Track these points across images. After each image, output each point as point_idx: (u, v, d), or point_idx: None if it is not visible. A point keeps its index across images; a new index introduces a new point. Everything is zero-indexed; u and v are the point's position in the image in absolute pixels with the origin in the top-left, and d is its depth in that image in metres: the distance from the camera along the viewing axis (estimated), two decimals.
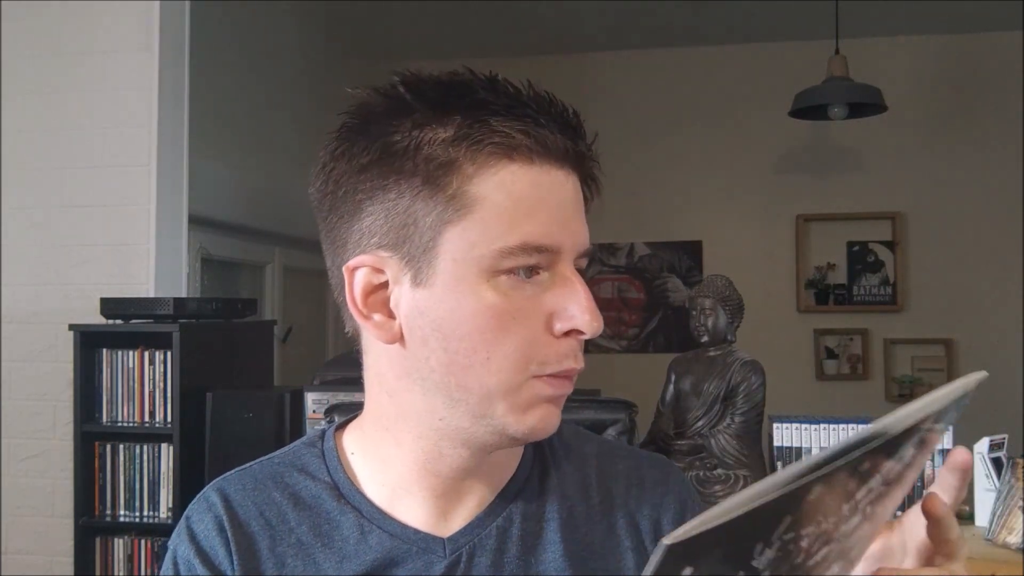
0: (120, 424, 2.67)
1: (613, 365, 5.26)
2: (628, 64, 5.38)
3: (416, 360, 0.69)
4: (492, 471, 0.76)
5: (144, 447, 2.66)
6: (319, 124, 4.32)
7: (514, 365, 0.67)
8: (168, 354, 2.64)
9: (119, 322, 2.71)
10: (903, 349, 5.16)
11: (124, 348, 2.68)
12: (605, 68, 5.39)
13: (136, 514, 2.66)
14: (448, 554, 0.73)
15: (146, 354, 2.67)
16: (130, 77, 2.94)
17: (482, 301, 0.67)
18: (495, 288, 0.67)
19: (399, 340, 0.70)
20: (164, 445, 2.64)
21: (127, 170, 2.93)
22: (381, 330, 0.70)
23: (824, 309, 5.22)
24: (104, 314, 2.71)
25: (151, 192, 2.91)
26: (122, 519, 2.67)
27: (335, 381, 2.43)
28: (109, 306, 2.70)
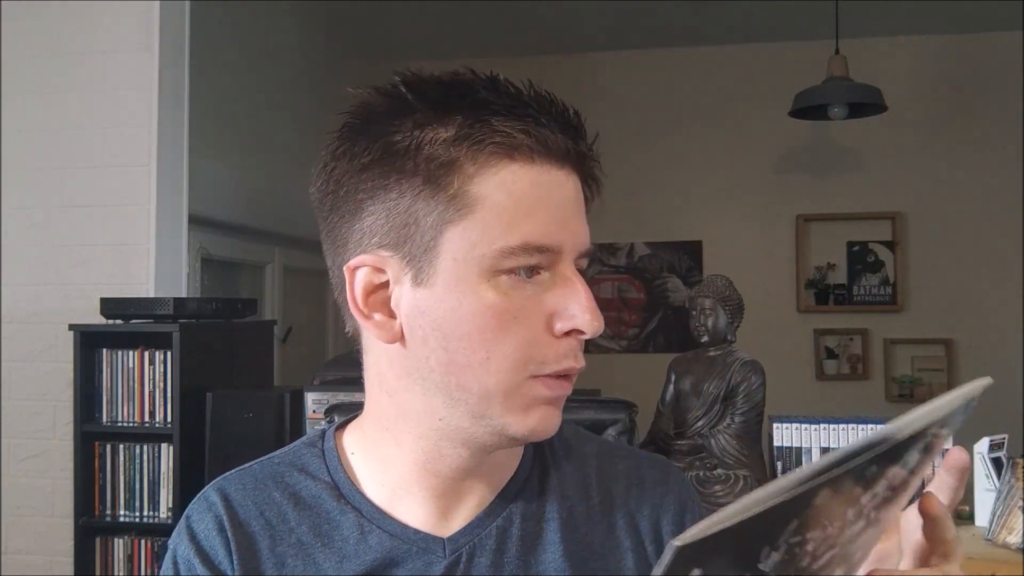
0: (120, 424, 2.67)
1: (613, 365, 5.25)
2: (628, 64, 5.38)
3: (416, 360, 0.69)
4: (492, 471, 0.76)
5: (144, 447, 2.66)
6: (319, 124, 4.32)
7: (513, 365, 0.67)
8: (168, 354, 2.64)
9: (119, 322, 2.71)
10: (903, 349, 5.16)
11: (124, 348, 2.68)
12: (605, 68, 5.39)
13: (136, 514, 2.66)
14: (448, 554, 0.73)
15: (146, 354, 2.67)
16: (130, 77, 2.94)
17: (483, 301, 0.67)
18: (496, 288, 0.67)
19: (399, 340, 0.70)
20: (164, 445, 2.64)
21: (127, 170, 2.93)
22: (381, 330, 0.70)
23: (824, 309, 5.22)
24: (104, 314, 2.71)
25: (151, 192, 2.91)
26: (122, 519, 2.67)
27: (335, 381, 2.43)
28: (109, 306, 2.70)
